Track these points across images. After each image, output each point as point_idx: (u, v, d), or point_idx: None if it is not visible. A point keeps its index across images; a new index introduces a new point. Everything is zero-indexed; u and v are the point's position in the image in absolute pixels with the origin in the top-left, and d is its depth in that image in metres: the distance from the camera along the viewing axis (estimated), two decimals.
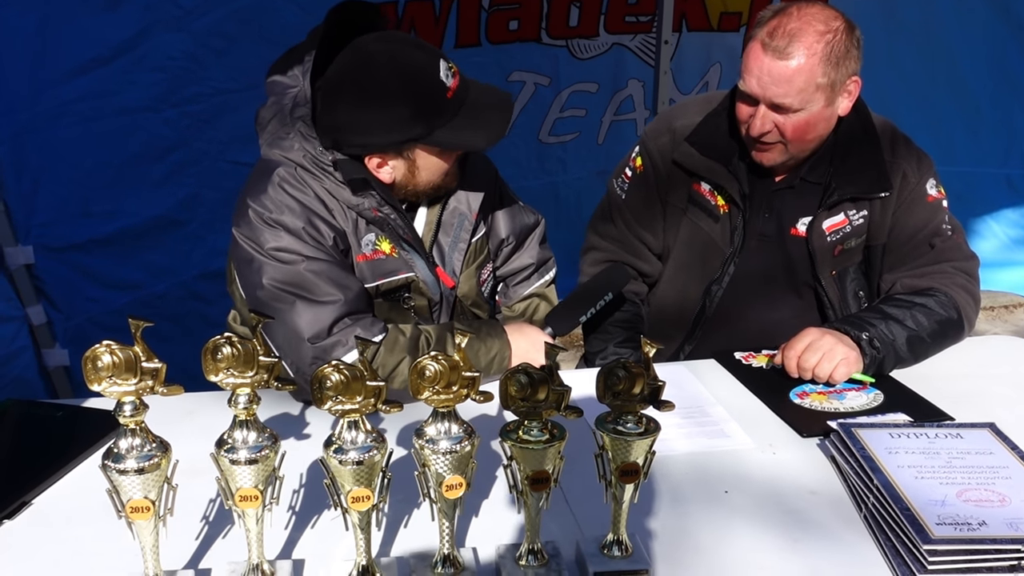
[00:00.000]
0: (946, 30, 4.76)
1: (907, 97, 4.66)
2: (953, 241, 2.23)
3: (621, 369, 1.26)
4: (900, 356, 2.05)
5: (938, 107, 4.87)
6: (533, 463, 1.28)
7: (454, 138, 1.88)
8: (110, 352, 1.15)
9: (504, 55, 4.28)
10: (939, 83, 4.87)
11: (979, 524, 1.40)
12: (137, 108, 3.34)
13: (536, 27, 4.31)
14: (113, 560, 1.40)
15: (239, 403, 1.22)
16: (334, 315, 1.86)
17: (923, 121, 4.55)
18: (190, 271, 3.66)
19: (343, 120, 1.87)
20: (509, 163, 4.49)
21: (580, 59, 4.50)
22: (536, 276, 2.35)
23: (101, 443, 1.74)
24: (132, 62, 3.26)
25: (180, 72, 3.40)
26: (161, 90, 3.38)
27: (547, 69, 4.45)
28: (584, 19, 4.40)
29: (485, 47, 4.22)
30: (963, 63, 4.84)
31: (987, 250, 5.11)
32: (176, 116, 3.46)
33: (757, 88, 2.03)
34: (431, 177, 1.96)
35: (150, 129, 3.40)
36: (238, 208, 1.94)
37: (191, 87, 3.45)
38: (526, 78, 4.42)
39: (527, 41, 4.33)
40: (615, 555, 1.37)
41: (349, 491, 1.24)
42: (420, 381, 1.22)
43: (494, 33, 4.23)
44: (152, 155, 3.44)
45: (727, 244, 2.30)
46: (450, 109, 1.86)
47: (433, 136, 1.86)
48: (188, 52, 3.39)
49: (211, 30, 3.42)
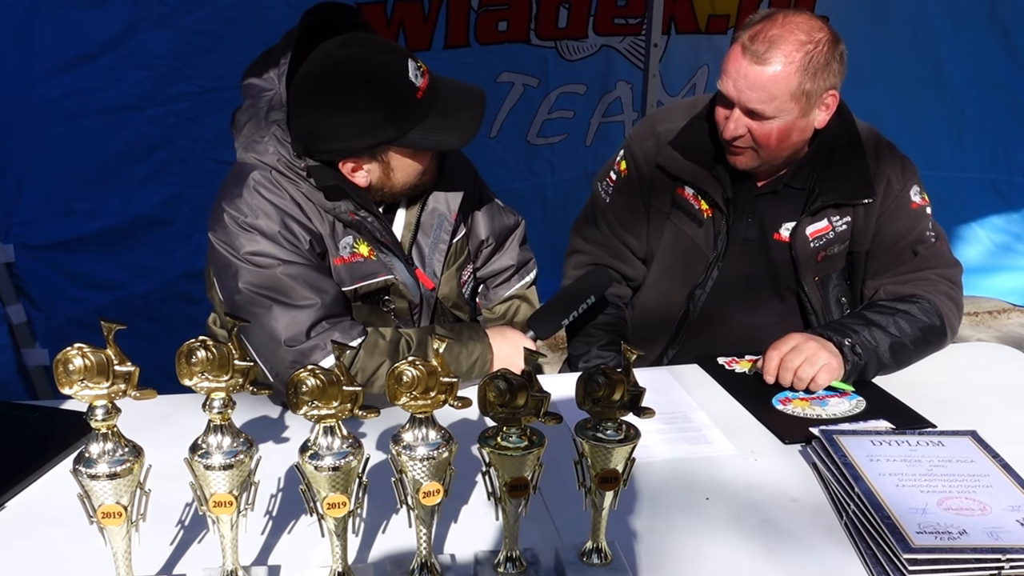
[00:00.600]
0: (934, 35, 4.78)
1: (894, 102, 4.67)
2: (936, 248, 2.23)
3: (601, 375, 1.25)
4: (883, 362, 2.04)
5: (924, 112, 4.88)
6: (512, 470, 1.27)
7: (427, 139, 1.86)
8: (82, 355, 1.13)
9: (493, 56, 4.27)
10: (926, 88, 4.88)
11: (960, 533, 1.40)
12: (122, 106, 3.32)
13: (525, 28, 4.31)
14: (86, 564, 1.39)
15: (214, 407, 1.20)
16: (311, 319, 1.84)
17: (909, 126, 4.57)
18: (174, 271, 3.64)
19: (314, 127, 1.85)
20: (497, 164, 4.50)
21: (569, 61, 4.49)
22: (516, 278, 2.34)
23: (76, 446, 1.72)
24: (117, 59, 3.24)
25: (166, 70, 3.38)
26: (146, 88, 3.36)
27: (536, 70, 4.44)
28: (573, 20, 4.40)
29: (474, 48, 4.22)
30: (950, 68, 4.85)
31: (972, 256, 5.13)
32: (162, 114, 3.44)
33: (732, 91, 2.03)
34: (407, 178, 1.95)
35: (135, 127, 3.38)
36: (214, 213, 1.92)
37: (177, 85, 3.43)
38: (515, 79, 4.41)
39: (516, 42, 4.32)
40: (594, 563, 1.35)
41: (325, 497, 1.23)
42: (397, 387, 1.20)
43: (483, 34, 4.22)
44: (136, 153, 3.42)
45: (711, 249, 2.29)
46: (421, 109, 1.84)
47: (406, 138, 1.85)
48: (174, 50, 3.37)
49: (197, 28, 3.41)
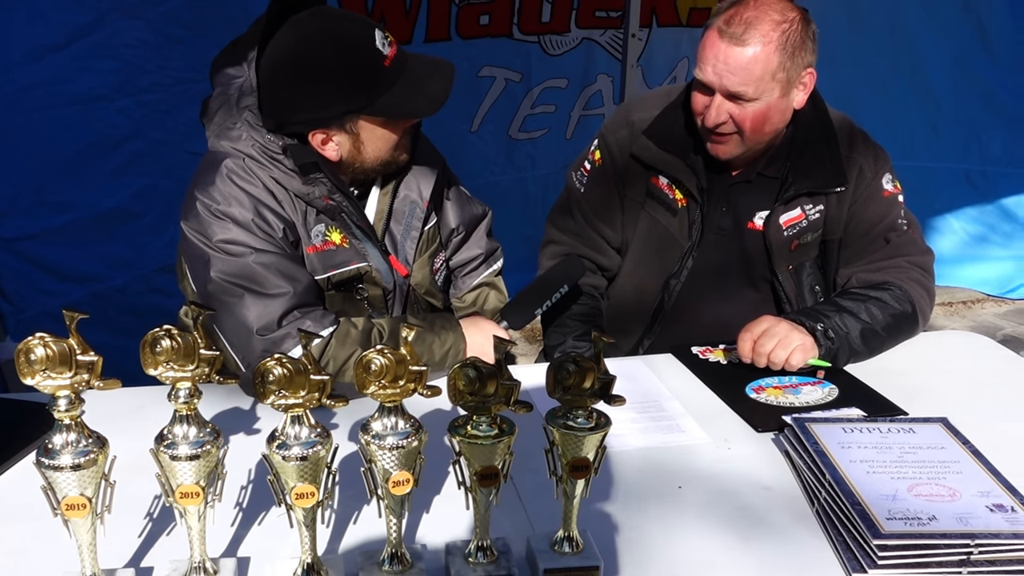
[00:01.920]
0: (909, 27, 4.81)
1: (868, 92, 4.69)
2: (908, 236, 2.24)
3: (571, 363, 1.25)
4: (854, 349, 2.05)
5: (898, 102, 4.91)
6: (482, 458, 1.26)
7: (396, 107, 1.87)
8: (44, 345, 1.11)
9: (474, 50, 4.25)
10: (901, 79, 4.91)
11: (929, 519, 1.40)
12: (92, 97, 3.28)
13: (508, 23, 4.29)
14: (51, 558, 1.37)
15: (179, 397, 1.19)
16: (283, 308, 1.83)
17: (883, 116, 4.59)
18: (149, 264, 3.60)
19: (283, 98, 1.86)
20: (477, 159, 4.47)
21: (552, 55, 4.48)
22: (484, 266, 2.34)
23: (43, 439, 1.69)
24: (86, 49, 3.20)
25: (136, 60, 3.34)
26: (117, 79, 3.32)
27: (519, 65, 4.43)
28: (556, 15, 4.38)
29: (455, 42, 4.19)
30: (924, 59, 4.88)
31: (946, 246, 5.17)
32: (131, 105, 3.40)
33: (713, 77, 2.03)
34: (378, 152, 1.94)
35: (104, 118, 3.33)
36: (186, 202, 1.91)
37: (148, 76, 3.38)
38: (496, 73, 4.39)
39: (498, 36, 4.31)
40: (565, 552, 1.35)
41: (293, 487, 1.21)
42: (366, 375, 1.19)
43: (464, 28, 4.20)
44: (106, 145, 3.38)
45: (685, 238, 2.30)
46: (389, 78, 1.84)
47: (375, 106, 1.85)
48: (144, 40, 3.33)
49: (169, 18, 3.36)
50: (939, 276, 2.27)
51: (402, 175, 2.08)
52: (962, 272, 5.26)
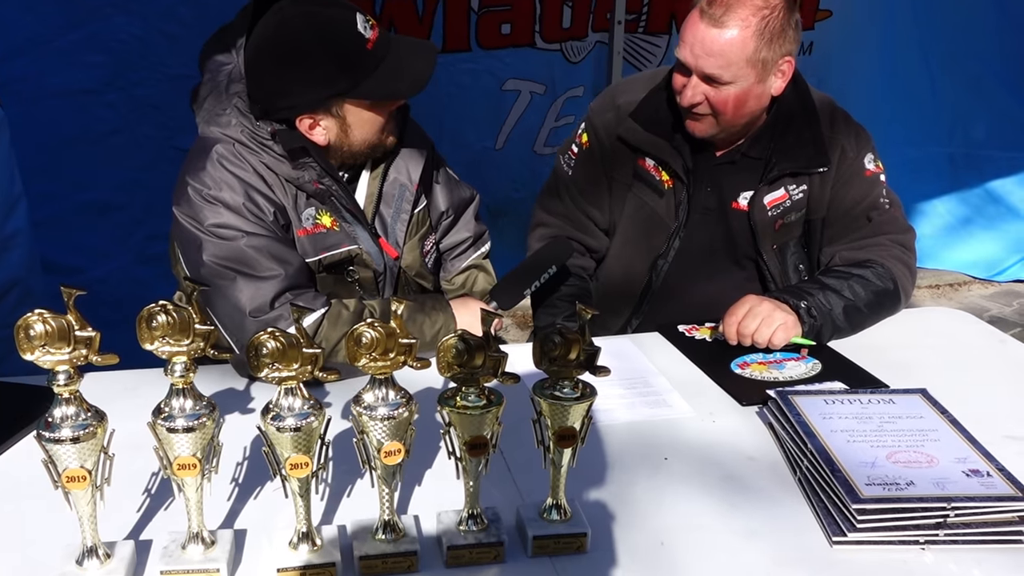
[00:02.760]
0: (898, 9, 4.79)
1: (853, 75, 4.70)
2: (890, 214, 2.28)
3: (557, 335, 1.28)
4: (837, 325, 2.09)
5: (883, 87, 4.92)
6: (471, 429, 1.29)
7: (379, 89, 1.90)
8: (43, 321, 1.14)
9: (497, 62, 4.03)
10: (886, 65, 4.92)
11: (907, 484, 1.44)
12: (80, 90, 3.29)
13: (530, 31, 4.04)
14: (50, 532, 1.39)
15: (175, 372, 1.22)
16: (275, 290, 1.86)
17: (865, 99, 4.58)
18: (127, 255, 3.62)
19: (268, 85, 1.89)
20: (502, 177, 4.22)
21: (572, 63, 4.24)
22: (472, 249, 2.37)
23: (40, 420, 1.72)
24: (76, 43, 3.21)
25: (127, 55, 3.34)
26: (106, 73, 3.32)
27: (543, 76, 4.17)
28: (576, 19, 4.13)
29: (476, 52, 3.97)
30: (912, 43, 4.88)
31: (932, 229, 5.20)
32: (120, 99, 3.41)
33: (690, 57, 2.06)
34: (365, 135, 1.97)
35: (92, 112, 3.34)
36: (178, 187, 1.94)
37: (139, 71, 3.39)
38: (521, 86, 4.15)
39: (521, 46, 4.05)
40: (554, 519, 1.39)
41: (288, 458, 1.25)
42: (357, 348, 1.22)
43: (485, 37, 3.94)
44: (91, 138, 3.38)
45: (672, 219, 2.33)
46: (372, 60, 1.87)
47: (359, 88, 1.88)
48: (136, 35, 3.33)
49: (163, 14, 3.36)
50: (927, 258, 2.31)
51: (391, 158, 2.11)
52: (948, 255, 5.30)
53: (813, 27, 4.37)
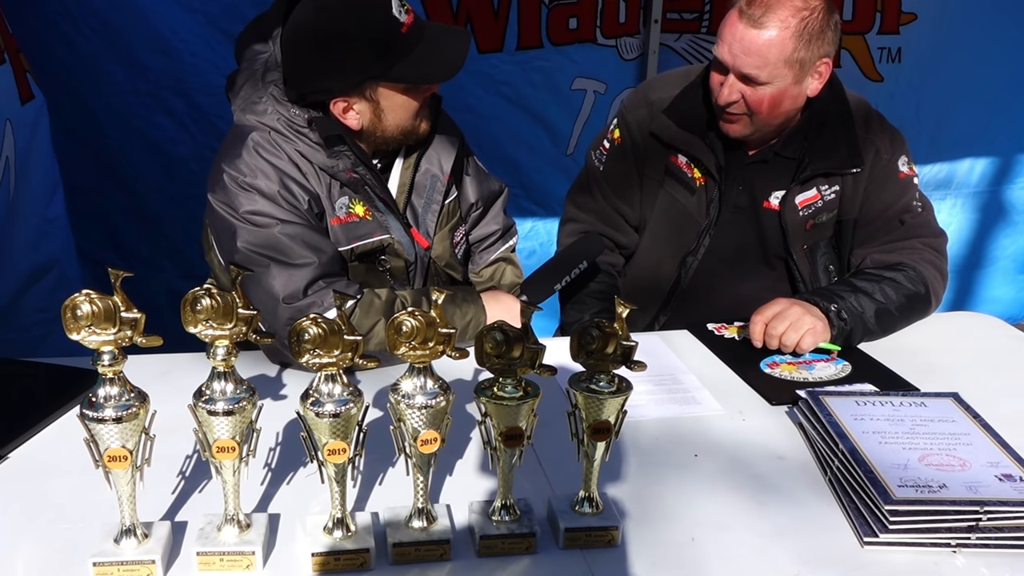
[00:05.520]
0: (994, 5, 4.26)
1: (951, 82, 4.21)
2: (923, 218, 2.27)
3: (595, 328, 1.29)
4: (868, 328, 2.08)
5: (982, 94, 4.30)
6: (507, 419, 1.30)
7: (413, 73, 1.91)
8: (89, 301, 1.15)
9: (566, 59, 3.81)
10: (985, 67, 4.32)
11: (939, 487, 1.44)
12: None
13: (592, 25, 3.81)
14: (88, 511, 1.42)
15: (217, 355, 1.23)
16: (308, 277, 1.87)
17: (968, 109, 4.14)
18: (173, 269, 3.60)
19: (304, 67, 1.91)
20: (568, 182, 4.12)
21: (626, 60, 3.96)
22: (501, 242, 2.39)
23: (78, 399, 1.73)
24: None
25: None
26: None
27: (603, 74, 3.93)
28: (629, 15, 3.86)
29: (547, 49, 3.76)
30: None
31: None
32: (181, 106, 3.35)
33: (728, 56, 2.06)
34: (398, 120, 1.98)
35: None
36: (213, 174, 1.95)
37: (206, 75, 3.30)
38: (587, 86, 3.91)
39: (585, 42, 3.83)
40: (586, 512, 1.39)
41: (325, 444, 1.26)
42: (397, 336, 1.23)
43: (555, 33, 3.75)
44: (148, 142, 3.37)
45: (703, 216, 2.33)
46: (406, 44, 1.88)
47: (392, 72, 1.89)
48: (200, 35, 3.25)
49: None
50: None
51: (423, 149, 2.12)
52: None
53: (898, 32, 4.06)
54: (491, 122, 3.61)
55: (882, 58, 4.04)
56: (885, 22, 3.98)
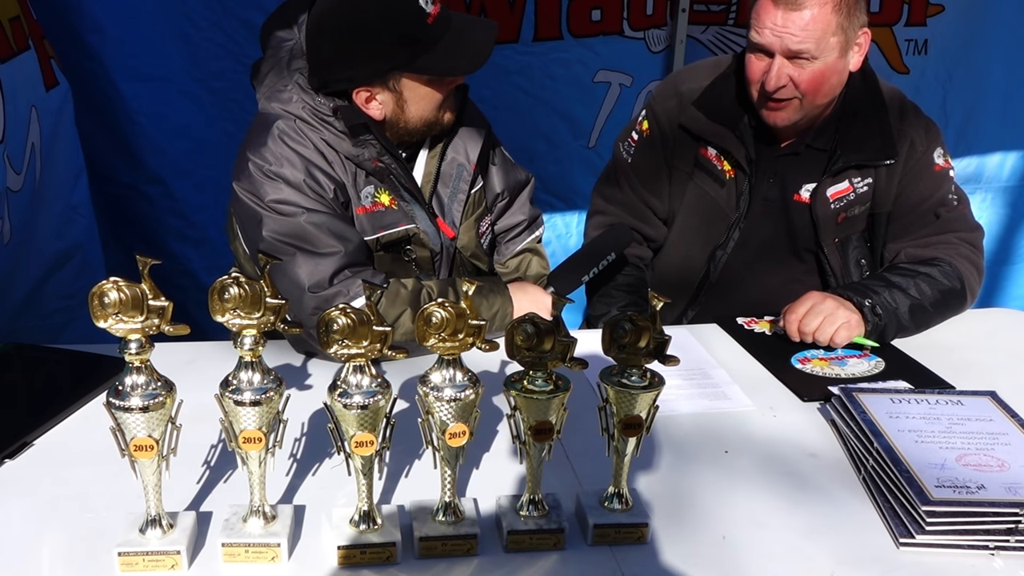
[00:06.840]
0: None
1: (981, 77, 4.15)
2: (959, 211, 2.23)
3: (627, 322, 1.26)
4: (902, 324, 2.05)
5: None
6: (537, 413, 1.28)
7: (437, 64, 1.89)
8: (117, 289, 1.14)
9: (588, 51, 3.75)
10: None
11: (978, 488, 1.40)
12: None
13: (619, 18, 3.75)
14: (113, 500, 1.41)
15: (245, 344, 1.21)
16: (334, 266, 1.86)
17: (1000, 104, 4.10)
18: (200, 260, 3.58)
19: (327, 55, 1.89)
20: (593, 178, 4.07)
21: (654, 53, 3.90)
22: (527, 232, 2.36)
23: (102, 387, 1.73)
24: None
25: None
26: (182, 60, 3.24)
27: (630, 66, 3.86)
28: (657, 6, 3.82)
29: (568, 41, 3.71)
30: None
31: None
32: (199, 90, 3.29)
33: (773, 39, 2.02)
34: (421, 111, 1.96)
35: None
36: (238, 162, 1.94)
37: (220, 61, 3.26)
38: (611, 78, 3.85)
39: (610, 34, 3.76)
40: (615, 508, 1.37)
41: (353, 436, 1.24)
42: (427, 328, 1.21)
43: (576, 25, 3.69)
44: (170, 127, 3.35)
45: (732, 209, 2.29)
46: (432, 35, 1.86)
47: (416, 63, 1.87)
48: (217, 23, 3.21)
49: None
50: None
51: (450, 138, 2.10)
52: None
53: (925, 24, 4.01)
54: (503, 112, 3.52)
55: (909, 50, 3.98)
56: (912, 14, 3.93)
